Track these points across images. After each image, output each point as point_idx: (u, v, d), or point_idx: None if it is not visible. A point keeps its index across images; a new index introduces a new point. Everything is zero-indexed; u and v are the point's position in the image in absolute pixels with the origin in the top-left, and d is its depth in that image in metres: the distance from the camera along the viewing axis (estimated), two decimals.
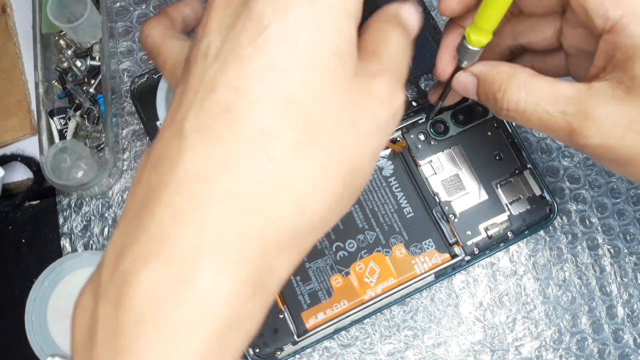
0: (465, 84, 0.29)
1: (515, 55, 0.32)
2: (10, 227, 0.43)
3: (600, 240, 0.42)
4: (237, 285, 0.17)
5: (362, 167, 0.20)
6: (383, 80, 0.20)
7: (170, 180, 0.18)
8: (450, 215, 0.40)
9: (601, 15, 0.24)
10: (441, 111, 0.41)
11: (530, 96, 0.26)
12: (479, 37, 0.27)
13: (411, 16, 0.22)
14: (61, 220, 0.43)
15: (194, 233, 0.17)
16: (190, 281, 0.17)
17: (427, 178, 0.41)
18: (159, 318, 0.17)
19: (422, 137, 0.41)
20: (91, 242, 0.42)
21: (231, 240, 0.17)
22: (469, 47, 0.28)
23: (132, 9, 0.45)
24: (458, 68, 0.29)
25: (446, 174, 0.41)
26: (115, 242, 0.18)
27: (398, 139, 0.41)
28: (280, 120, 0.18)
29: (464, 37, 0.28)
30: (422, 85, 0.43)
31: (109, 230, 0.43)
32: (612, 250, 0.42)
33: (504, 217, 0.40)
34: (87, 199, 0.43)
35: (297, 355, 0.39)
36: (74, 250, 0.42)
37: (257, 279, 0.18)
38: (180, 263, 0.17)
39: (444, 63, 0.30)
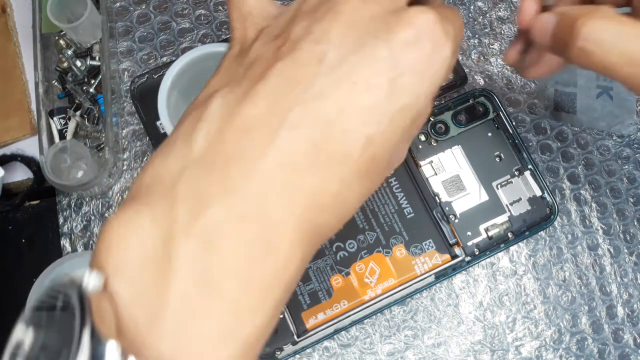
0: (546, 23, 0.29)
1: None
2: (10, 227, 0.43)
3: (600, 240, 0.42)
4: (303, 257, 0.20)
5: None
6: None
7: (267, 154, 0.19)
8: (451, 216, 0.40)
9: None
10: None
11: (612, 26, 0.26)
12: None
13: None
14: (61, 220, 0.43)
15: (283, 209, 0.19)
16: (277, 249, 0.19)
17: (427, 178, 0.41)
18: (249, 272, 0.19)
19: (422, 138, 0.41)
20: (91, 242, 0.42)
21: (309, 214, 0.20)
22: None
23: (132, 9, 0.45)
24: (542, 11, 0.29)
25: (447, 174, 0.41)
26: (188, 180, 0.19)
27: None
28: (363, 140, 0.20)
29: None
30: None
31: None
32: (612, 250, 0.42)
33: (504, 217, 0.40)
34: (87, 199, 0.43)
35: (297, 355, 0.39)
36: (74, 250, 0.42)
37: (314, 247, 0.21)
38: (271, 232, 0.19)
39: (529, 4, 0.30)
